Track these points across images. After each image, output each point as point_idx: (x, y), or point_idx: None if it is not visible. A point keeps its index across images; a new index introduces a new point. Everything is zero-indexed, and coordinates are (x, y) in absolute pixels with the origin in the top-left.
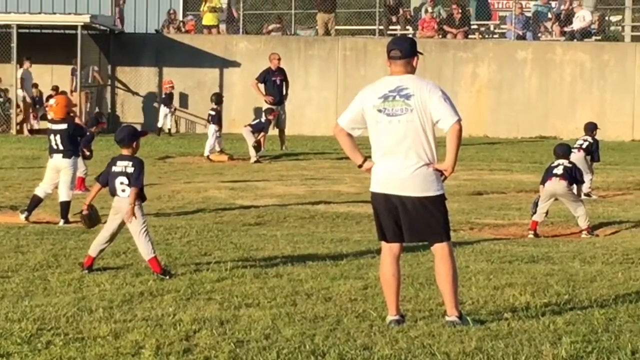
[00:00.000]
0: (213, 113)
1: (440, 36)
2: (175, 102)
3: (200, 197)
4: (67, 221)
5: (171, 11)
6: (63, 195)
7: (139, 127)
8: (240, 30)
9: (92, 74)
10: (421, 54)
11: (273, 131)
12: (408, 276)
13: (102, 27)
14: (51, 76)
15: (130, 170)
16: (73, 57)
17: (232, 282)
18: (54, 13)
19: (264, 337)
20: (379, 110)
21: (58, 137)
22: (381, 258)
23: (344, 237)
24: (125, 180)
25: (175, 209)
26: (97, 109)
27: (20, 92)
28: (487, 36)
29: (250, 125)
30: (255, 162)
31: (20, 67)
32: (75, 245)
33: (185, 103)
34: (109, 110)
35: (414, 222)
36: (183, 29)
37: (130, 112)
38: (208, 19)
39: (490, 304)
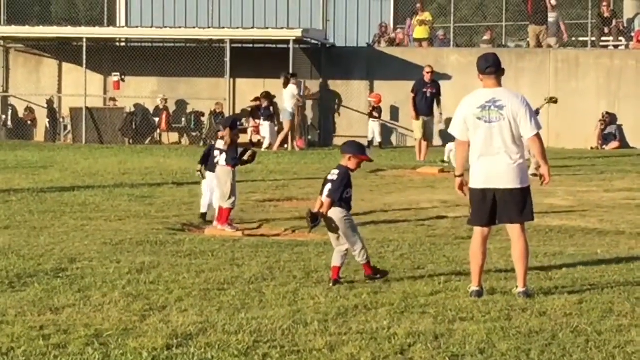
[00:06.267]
0: None
1: None
2: (386, 116)
3: (413, 211)
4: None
5: (383, 24)
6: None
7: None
8: (451, 43)
9: (304, 87)
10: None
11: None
12: (619, 284)
13: (313, 41)
14: (263, 89)
15: (334, 177)
16: (284, 70)
17: (446, 296)
18: (267, 28)
19: (479, 352)
20: (478, 118)
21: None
22: (473, 239)
23: (557, 251)
24: (330, 186)
25: (387, 222)
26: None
27: (288, 109)
28: None
29: None
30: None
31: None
32: (289, 258)
33: (396, 116)
34: (319, 123)
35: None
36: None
37: (342, 126)
38: (419, 32)
39: None
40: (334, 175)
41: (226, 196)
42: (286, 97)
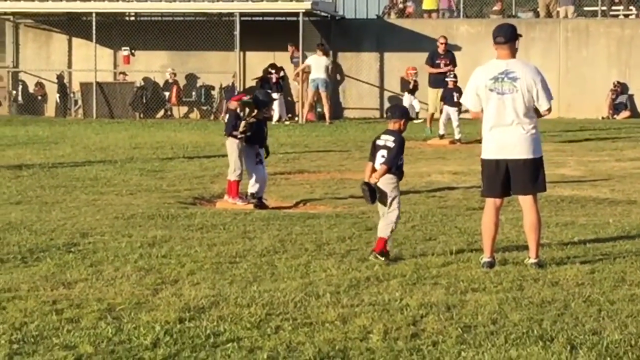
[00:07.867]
0: None
1: None
2: (396, 87)
3: (424, 182)
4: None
5: None
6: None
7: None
8: (461, 14)
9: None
10: (520, 36)
11: None
12: (631, 253)
13: (323, 14)
14: (273, 62)
15: (390, 145)
16: (294, 43)
17: (458, 267)
18: (276, 0)
19: (491, 322)
20: (490, 90)
21: None
22: (485, 210)
23: (569, 221)
24: (385, 153)
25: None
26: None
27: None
28: None
29: None
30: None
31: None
32: (301, 230)
33: (407, 87)
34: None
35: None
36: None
37: (352, 98)
38: (428, 3)
39: None
40: (388, 141)
41: (232, 168)
42: (320, 67)
